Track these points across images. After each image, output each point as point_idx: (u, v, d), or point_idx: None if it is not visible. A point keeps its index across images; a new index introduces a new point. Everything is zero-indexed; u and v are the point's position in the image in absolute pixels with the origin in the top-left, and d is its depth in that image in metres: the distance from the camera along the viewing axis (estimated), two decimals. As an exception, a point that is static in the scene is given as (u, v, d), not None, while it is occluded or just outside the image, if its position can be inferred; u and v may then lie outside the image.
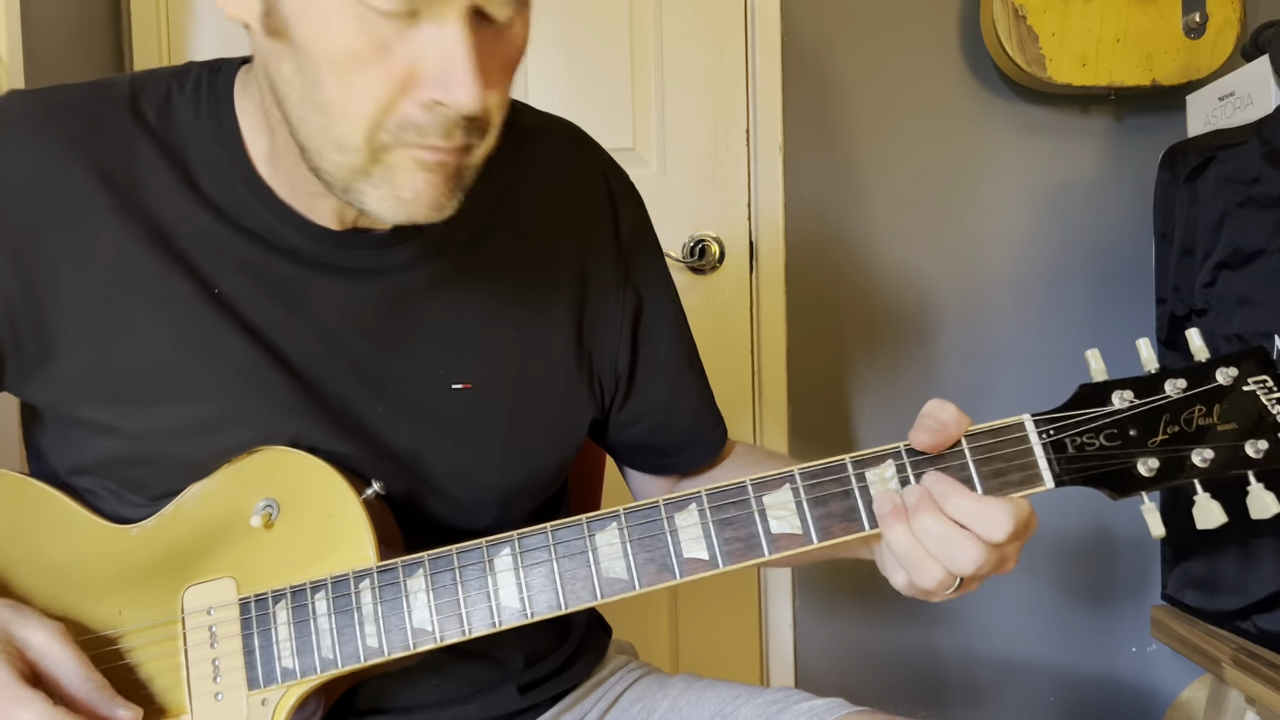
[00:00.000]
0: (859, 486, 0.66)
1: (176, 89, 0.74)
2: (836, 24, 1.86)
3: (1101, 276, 1.90)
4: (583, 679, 0.91)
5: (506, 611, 0.67)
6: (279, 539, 0.70)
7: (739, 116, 1.82)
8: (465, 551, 0.68)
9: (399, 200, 0.64)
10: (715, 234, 1.82)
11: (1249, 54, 1.60)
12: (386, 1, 0.58)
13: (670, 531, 0.67)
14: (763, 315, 1.84)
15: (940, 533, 0.63)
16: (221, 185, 0.73)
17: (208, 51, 1.74)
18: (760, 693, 0.85)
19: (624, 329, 0.85)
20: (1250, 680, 1.42)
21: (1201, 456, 0.64)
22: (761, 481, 0.67)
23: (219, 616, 0.70)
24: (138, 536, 0.72)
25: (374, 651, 0.68)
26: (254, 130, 0.73)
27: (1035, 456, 0.65)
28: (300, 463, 0.71)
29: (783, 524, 0.66)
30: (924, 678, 1.92)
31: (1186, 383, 0.66)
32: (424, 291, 0.76)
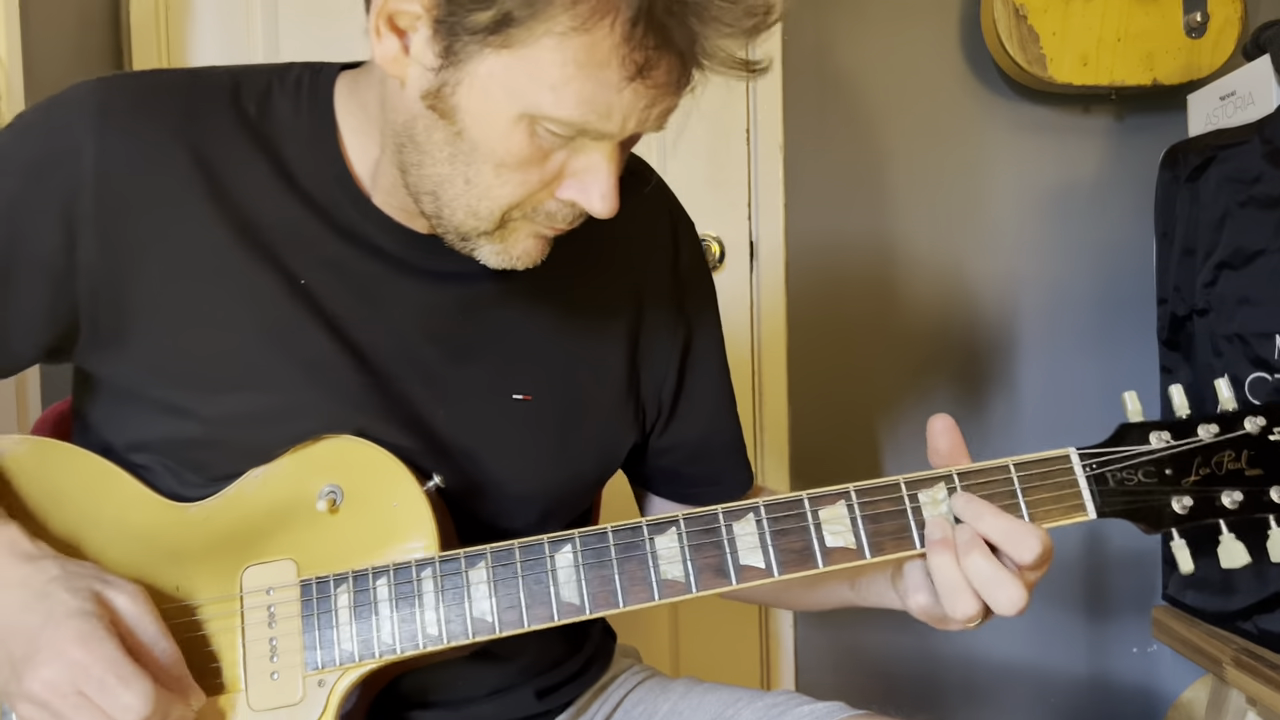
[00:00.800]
0: (912, 506, 0.70)
1: (277, 84, 0.76)
2: (836, 24, 1.86)
3: (1103, 276, 1.90)
4: (592, 684, 0.92)
5: (565, 608, 0.69)
6: (342, 524, 0.72)
7: (739, 116, 1.82)
8: (527, 547, 0.70)
9: (508, 256, 0.71)
10: (715, 234, 1.81)
11: (1250, 53, 1.59)
12: (562, 129, 0.64)
13: (729, 539, 0.69)
14: (763, 315, 1.84)
15: (987, 570, 0.66)
16: (315, 181, 0.75)
17: (207, 53, 1.74)
18: (760, 696, 0.86)
19: (673, 359, 0.87)
20: (1251, 681, 1.41)
21: (1231, 499, 0.70)
22: (818, 496, 0.70)
23: (278, 597, 0.71)
24: (197, 515, 0.73)
25: (433, 639, 0.69)
26: (355, 135, 0.75)
27: (1080, 488, 0.71)
28: (366, 452, 0.72)
29: (837, 538, 0.69)
30: (925, 680, 1.92)
31: (1218, 429, 0.71)
32: (496, 301, 0.79)
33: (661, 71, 0.63)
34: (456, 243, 0.71)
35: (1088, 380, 1.90)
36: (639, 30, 0.60)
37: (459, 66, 0.63)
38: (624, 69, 0.61)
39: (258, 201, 0.73)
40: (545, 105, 0.63)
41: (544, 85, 0.62)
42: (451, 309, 0.78)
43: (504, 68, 0.62)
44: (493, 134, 0.65)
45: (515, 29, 0.60)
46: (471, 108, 0.64)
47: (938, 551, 0.67)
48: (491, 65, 0.62)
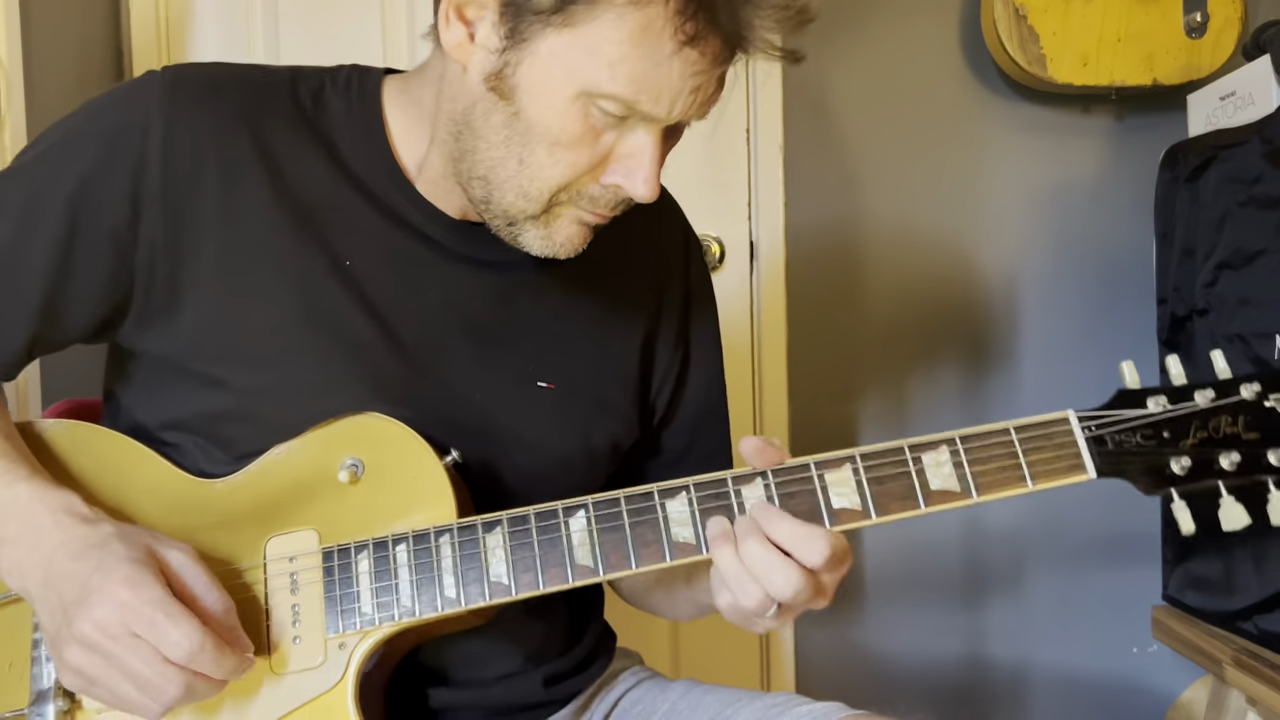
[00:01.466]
0: (916, 469, 0.71)
1: (329, 82, 0.82)
2: (836, 24, 1.86)
3: (1102, 276, 1.90)
4: (595, 679, 0.93)
5: (579, 570, 0.71)
6: (362, 495, 0.74)
7: (739, 116, 1.82)
8: (542, 512, 0.72)
9: (551, 242, 0.75)
10: (715, 234, 1.81)
11: (1250, 53, 1.59)
12: (614, 107, 0.69)
13: (738, 503, 0.71)
14: (763, 315, 1.84)
15: (762, 557, 0.67)
16: (367, 169, 0.80)
17: (207, 53, 1.74)
18: (759, 697, 0.86)
19: (672, 369, 0.92)
20: (1251, 681, 1.41)
21: (1229, 460, 0.70)
22: (824, 461, 0.72)
23: (301, 564, 0.73)
24: (222, 489, 0.76)
25: (451, 602, 0.71)
26: (404, 131, 0.81)
27: (1080, 449, 0.71)
28: (386, 427, 0.75)
29: (843, 499, 0.71)
30: (925, 681, 1.92)
31: (1215, 394, 0.72)
32: (531, 291, 0.84)
33: (708, 46, 0.68)
34: (503, 228, 0.76)
35: (1088, 379, 1.89)
36: (690, 6, 0.66)
37: (522, 47, 0.69)
38: (675, 39, 0.67)
39: (313, 186, 0.78)
40: (602, 82, 0.68)
41: (601, 62, 0.68)
42: (487, 295, 0.82)
43: (565, 46, 0.68)
44: (550, 112, 0.70)
45: (577, 6, 0.66)
46: (531, 87, 0.70)
47: (717, 545, 0.68)
48: (553, 44, 0.68)
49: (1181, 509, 0.71)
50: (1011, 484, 0.71)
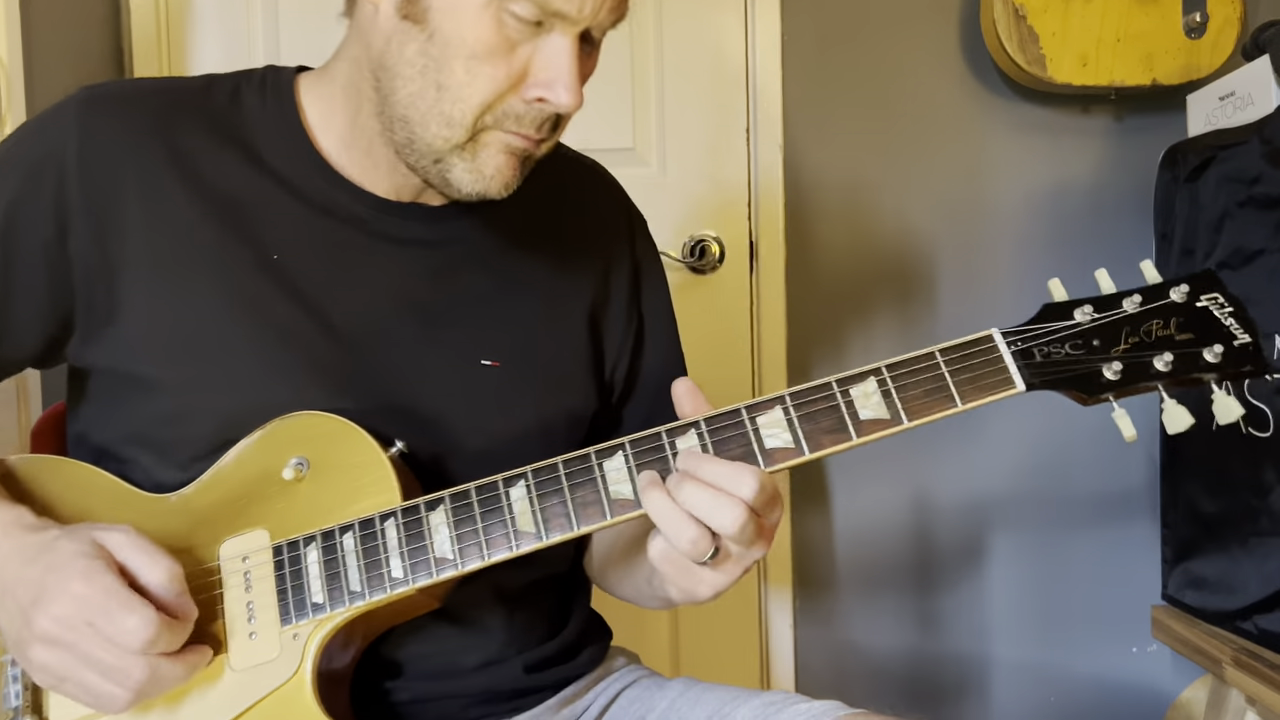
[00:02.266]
0: (844, 401, 0.71)
1: (245, 83, 0.84)
2: (836, 24, 1.86)
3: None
4: (584, 672, 0.92)
5: (522, 537, 0.71)
6: (309, 491, 0.75)
7: (739, 116, 1.82)
8: (483, 485, 0.73)
9: (480, 175, 0.75)
10: (715, 234, 1.82)
11: (1249, 54, 1.60)
12: (526, 10, 0.70)
13: (673, 454, 0.71)
14: (763, 315, 1.84)
15: (700, 495, 0.66)
16: (285, 160, 0.81)
17: (207, 53, 1.74)
18: (757, 695, 0.86)
19: (626, 341, 0.93)
20: (1251, 680, 1.42)
21: (1163, 361, 0.69)
22: (755, 404, 0.71)
23: (253, 561, 0.74)
24: (177, 503, 0.77)
25: (399, 582, 0.72)
26: (323, 119, 0.83)
27: (1006, 364, 0.70)
28: (329, 424, 0.76)
29: (775, 439, 0.70)
30: (925, 680, 1.92)
31: (1142, 299, 0.71)
32: (469, 267, 0.84)
33: None
34: (431, 171, 0.76)
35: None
36: None
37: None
38: None
39: (233, 185, 0.80)
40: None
41: None
42: (423, 274, 0.82)
43: None
44: (463, 24, 0.71)
45: None
46: (441, 3, 0.72)
47: (648, 493, 0.68)
48: None
49: (1122, 416, 0.69)
50: (941, 406, 0.70)
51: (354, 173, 0.82)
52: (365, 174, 0.82)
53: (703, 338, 1.86)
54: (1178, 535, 1.69)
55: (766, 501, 0.67)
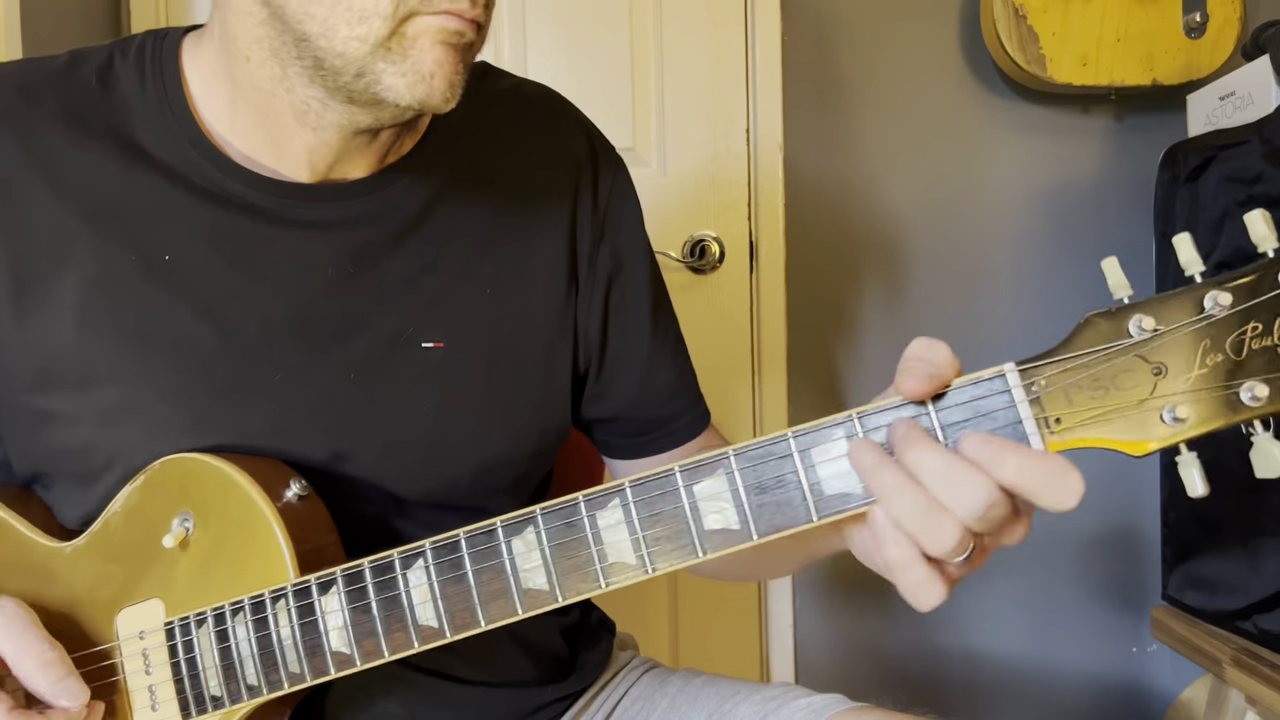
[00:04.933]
0: (805, 466, 0.54)
1: (119, 56, 0.72)
2: (836, 24, 1.86)
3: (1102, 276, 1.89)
4: (589, 682, 0.90)
5: (424, 631, 0.62)
6: (197, 556, 0.67)
7: (739, 116, 1.82)
8: (378, 565, 0.63)
9: (419, 75, 0.62)
10: (715, 234, 1.81)
11: (1249, 53, 1.60)
12: None
13: (593, 535, 0.58)
14: (763, 315, 1.84)
15: (943, 466, 0.50)
16: (170, 148, 0.70)
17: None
18: (759, 689, 0.85)
19: (597, 291, 0.81)
20: (1251, 680, 1.41)
21: (1253, 394, 0.47)
22: (694, 467, 0.56)
23: (150, 642, 0.68)
24: (71, 556, 0.70)
25: (297, 678, 0.64)
26: (206, 88, 0.70)
27: (1021, 418, 0.51)
28: (210, 472, 0.67)
29: (717, 519, 0.55)
30: (924, 676, 1.92)
31: (1233, 298, 0.49)
32: (391, 245, 0.73)
33: None
34: (357, 90, 0.63)
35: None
36: None
37: None
38: None
39: (106, 182, 0.69)
40: None
41: None
42: (340, 260, 0.71)
43: None
44: None
45: None
46: None
47: (878, 476, 0.52)
48: None
49: (1188, 465, 0.49)
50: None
51: (247, 149, 0.70)
52: (261, 149, 0.70)
53: (703, 338, 1.86)
54: (1178, 535, 1.69)
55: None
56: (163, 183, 0.69)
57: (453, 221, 0.75)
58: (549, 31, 1.80)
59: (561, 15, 1.80)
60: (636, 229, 0.84)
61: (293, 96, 0.66)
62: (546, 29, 1.80)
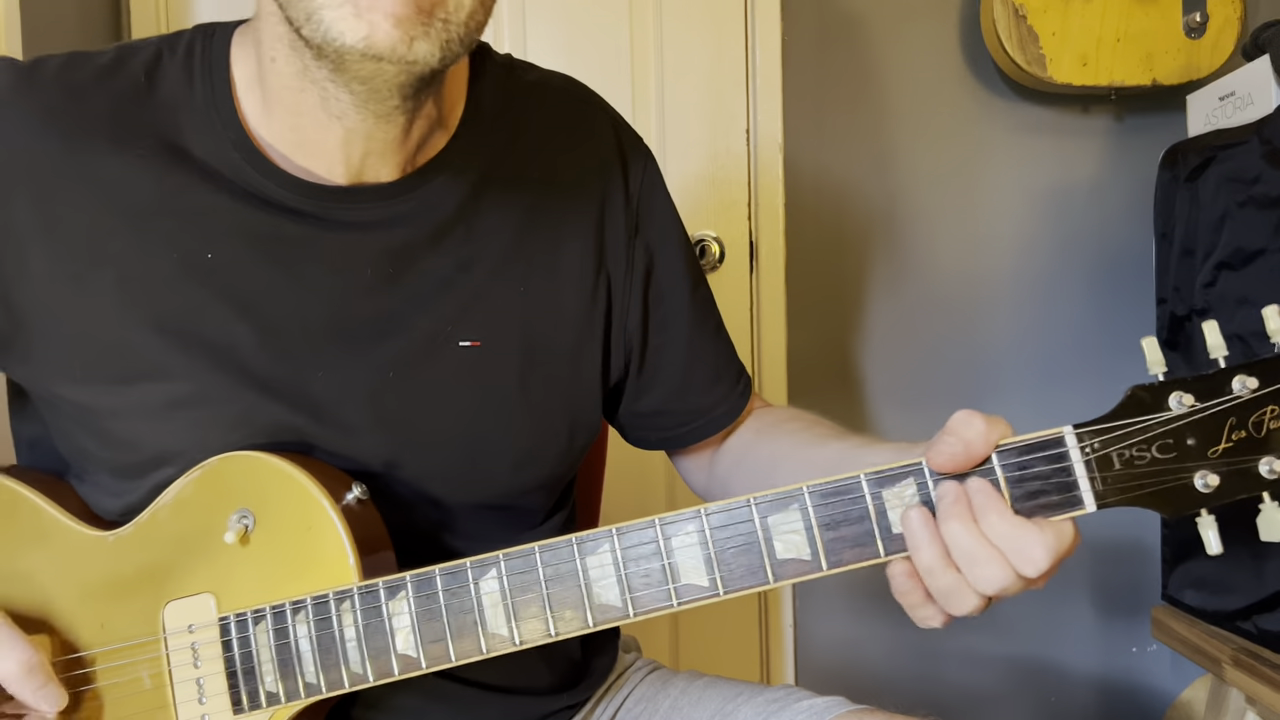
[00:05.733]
0: (875, 506, 0.60)
1: (167, 54, 0.72)
2: (836, 24, 1.86)
3: (1102, 276, 1.90)
4: (598, 688, 0.90)
5: (494, 639, 0.63)
6: (256, 554, 0.68)
7: (739, 116, 1.82)
8: (449, 573, 0.64)
9: (358, 11, 0.58)
10: (715, 234, 1.81)
11: (1249, 54, 1.60)
12: None
13: (665, 552, 0.62)
14: (763, 315, 1.84)
15: (969, 547, 0.58)
16: (213, 149, 0.70)
17: (208, 51, 1.74)
18: (761, 691, 0.85)
19: (635, 288, 0.81)
20: (1251, 680, 1.42)
21: (1270, 468, 0.57)
22: (767, 500, 0.61)
23: (200, 636, 0.68)
24: (114, 545, 0.70)
25: (359, 678, 0.65)
26: (250, 90, 0.71)
27: (1076, 476, 0.59)
28: (271, 471, 0.67)
29: (789, 549, 0.61)
30: (925, 677, 1.92)
31: (1259, 381, 0.56)
32: (428, 245, 0.74)
33: None
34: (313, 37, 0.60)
35: (1087, 380, 1.90)
36: None
37: None
38: None
39: (146, 181, 0.69)
40: None
41: None
42: (379, 261, 0.72)
43: None
44: None
45: None
46: None
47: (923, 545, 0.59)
48: None
49: (1208, 526, 0.58)
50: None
51: (287, 152, 0.70)
52: (297, 152, 0.70)
53: (703, 338, 1.86)
54: (1178, 535, 1.69)
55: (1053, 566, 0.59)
56: (206, 185, 0.70)
57: (486, 220, 0.76)
58: (549, 31, 1.80)
59: (561, 15, 1.80)
60: (670, 219, 0.85)
61: (317, 88, 0.66)
62: (546, 29, 1.80)
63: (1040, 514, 0.59)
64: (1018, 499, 0.59)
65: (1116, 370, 1.89)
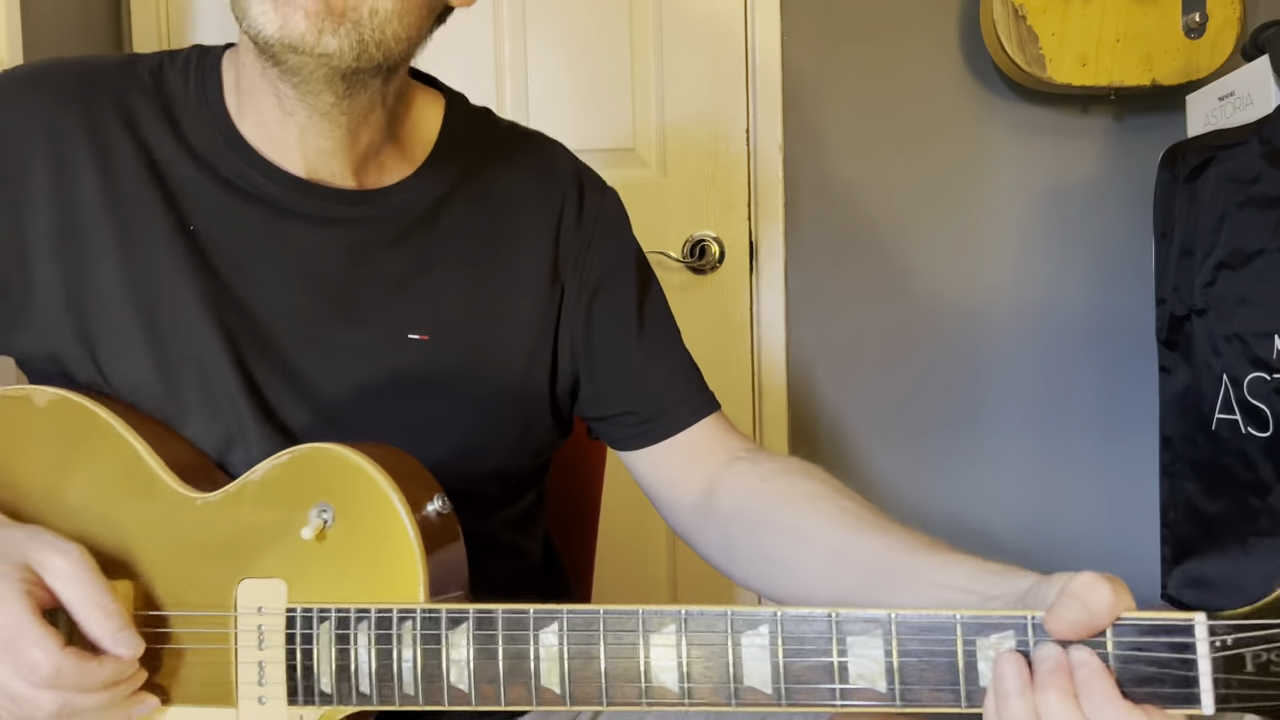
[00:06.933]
0: (965, 651, 0.56)
1: (168, 62, 0.83)
2: (836, 24, 1.86)
3: (1101, 276, 1.90)
4: None
5: (544, 693, 0.63)
6: (331, 552, 0.69)
7: (739, 116, 1.82)
8: (511, 616, 0.64)
9: (275, 4, 0.67)
10: (715, 234, 1.82)
11: (1249, 54, 1.60)
12: None
13: (733, 646, 0.59)
14: (763, 315, 1.84)
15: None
16: (202, 136, 0.79)
17: (208, 52, 1.74)
18: None
19: (583, 299, 0.87)
20: (1250, 680, 1.41)
21: None
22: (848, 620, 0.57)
23: (268, 620, 0.70)
24: (201, 509, 0.72)
25: (409, 699, 0.66)
26: (231, 89, 0.80)
27: (1199, 672, 0.52)
28: (356, 470, 0.69)
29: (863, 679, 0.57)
30: (924, 678, 1.92)
31: None
32: (387, 245, 0.81)
33: None
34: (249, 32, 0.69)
35: (1087, 380, 1.90)
36: None
37: None
38: None
39: (147, 155, 0.78)
40: None
41: None
42: (335, 253, 0.79)
43: None
44: None
45: None
46: None
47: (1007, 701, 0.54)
48: None
49: None
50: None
51: (257, 144, 0.79)
52: (265, 144, 0.79)
53: (703, 338, 1.87)
54: (1177, 535, 1.69)
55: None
56: (195, 166, 0.79)
57: (447, 228, 0.83)
58: (549, 31, 1.80)
59: (561, 15, 1.80)
60: (626, 240, 0.91)
61: (272, 87, 0.75)
62: (546, 29, 1.80)
63: (1147, 704, 0.53)
64: (1126, 681, 0.53)
65: (1115, 370, 1.90)
